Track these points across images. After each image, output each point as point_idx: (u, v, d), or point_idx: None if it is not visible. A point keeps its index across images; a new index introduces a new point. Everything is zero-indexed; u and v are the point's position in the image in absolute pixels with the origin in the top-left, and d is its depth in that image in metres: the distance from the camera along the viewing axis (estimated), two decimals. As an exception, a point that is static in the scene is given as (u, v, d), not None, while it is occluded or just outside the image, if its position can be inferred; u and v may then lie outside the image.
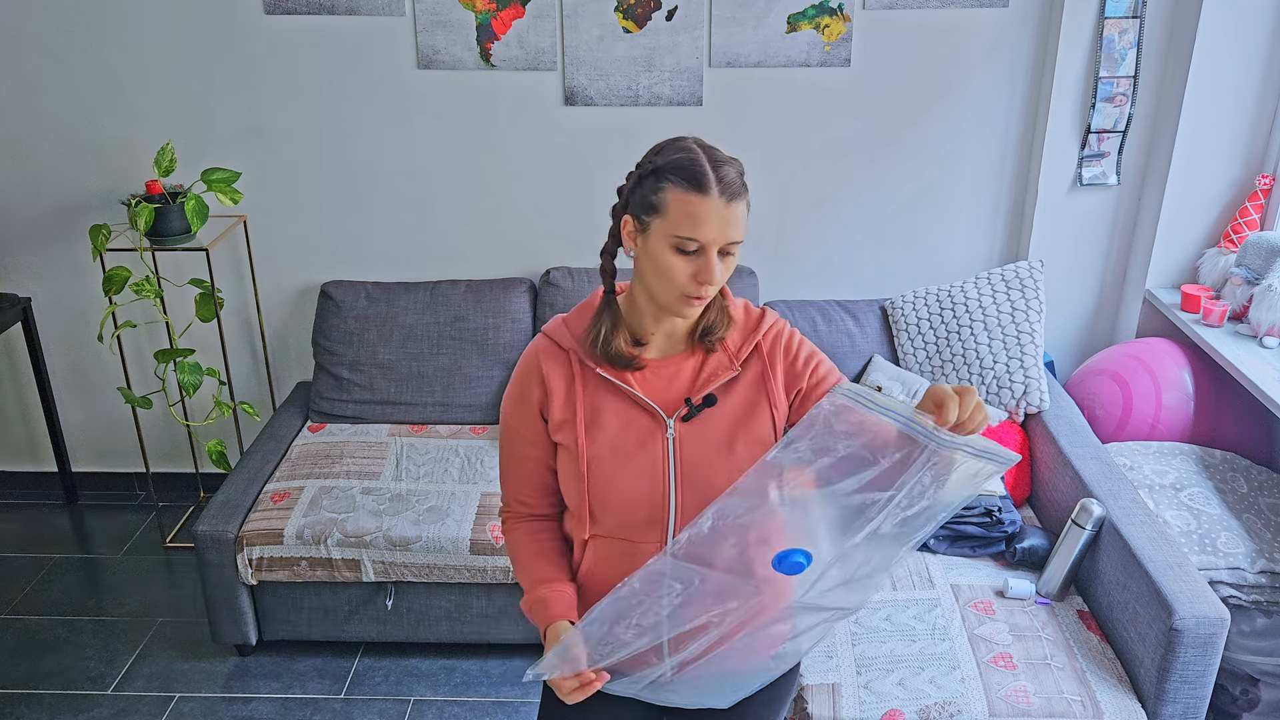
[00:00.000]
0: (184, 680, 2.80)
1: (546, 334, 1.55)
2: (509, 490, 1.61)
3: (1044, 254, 3.16)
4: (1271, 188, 2.91)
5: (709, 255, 1.36)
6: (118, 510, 3.59)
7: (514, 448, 1.57)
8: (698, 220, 1.35)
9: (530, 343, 1.57)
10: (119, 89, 3.12)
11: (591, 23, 3.02)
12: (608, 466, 1.47)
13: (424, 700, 2.72)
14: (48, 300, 3.39)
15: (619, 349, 1.47)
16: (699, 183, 1.35)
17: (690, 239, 1.36)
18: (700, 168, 1.35)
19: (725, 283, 1.49)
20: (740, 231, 1.37)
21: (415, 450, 3.03)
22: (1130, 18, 2.92)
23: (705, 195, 1.34)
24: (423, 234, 3.29)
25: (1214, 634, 2.08)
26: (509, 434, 1.57)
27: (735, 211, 1.36)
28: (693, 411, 1.46)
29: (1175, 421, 2.81)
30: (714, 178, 1.35)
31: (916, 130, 3.13)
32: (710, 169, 1.35)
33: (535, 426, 1.53)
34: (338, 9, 3.02)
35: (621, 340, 1.48)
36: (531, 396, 1.52)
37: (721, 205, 1.34)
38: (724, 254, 1.39)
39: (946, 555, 2.57)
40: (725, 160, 1.38)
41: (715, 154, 1.39)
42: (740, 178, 1.38)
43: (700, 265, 1.37)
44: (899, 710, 2.10)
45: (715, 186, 1.34)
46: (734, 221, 1.36)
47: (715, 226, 1.35)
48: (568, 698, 1.39)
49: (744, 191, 1.38)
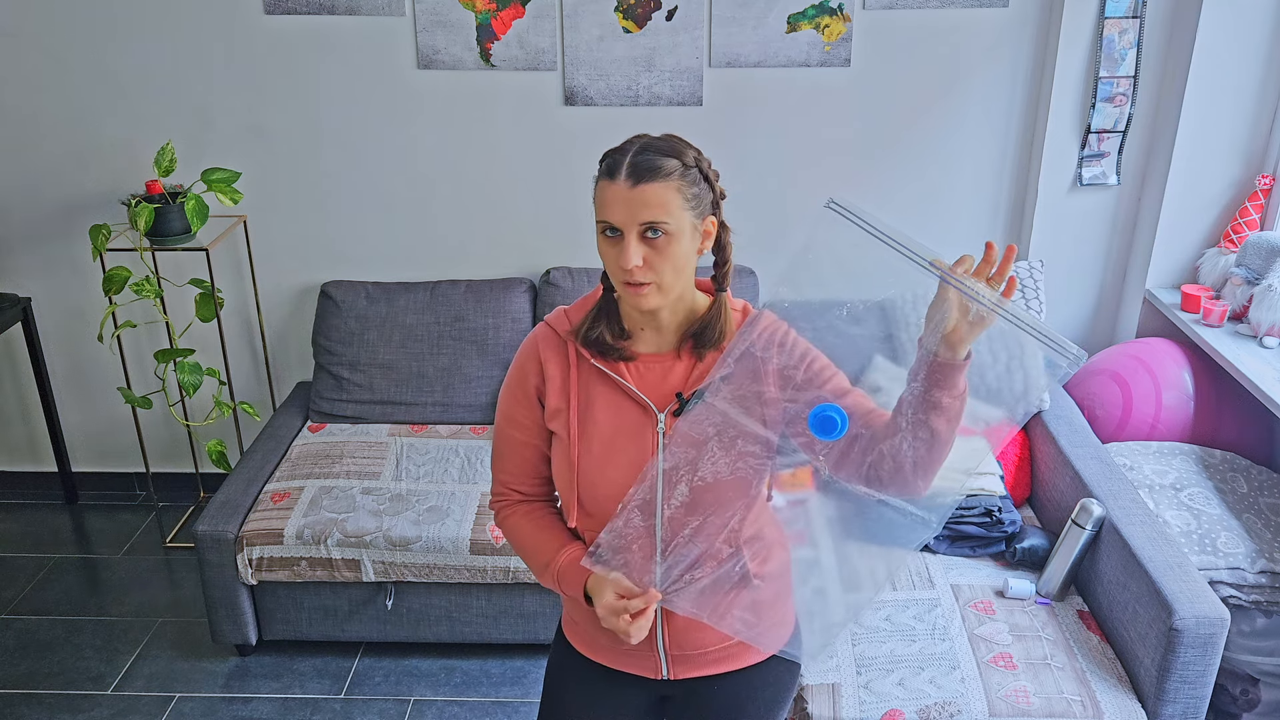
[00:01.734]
0: (184, 680, 2.80)
1: (547, 323, 1.55)
2: (502, 477, 1.60)
3: (1044, 254, 3.16)
4: (1271, 188, 2.91)
5: (626, 238, 1.38)
6: (118, 510, 3.59)
7: (510, 433, 1.57)
8: (606, 204, 1.39)
9: (531, 331, 1.57)
10: (119, 89, 3.13)
11: (591, 23, 3.02)
12: (598, 458, 1.48)
13: (424, 700, 2.73)
14: (48, 300, 3.39)
15: (602, 337, 1.49)
16: (611, 170, 1.39)
17: (603, 221, 1.40)
18: (619, 156, 1.39)
19: (718, 284, 1.50)
20: (655, 214, 1.37)
21: (415, 450, 3.03)
22: (1130, 18, 2.92)
23: (613, 180, 1.38)
24: (423, 234, 3.29)
25: (1214, 634, 2.08)
26: (505, 420, 1.57)
27: (644, 194, 1.36)
28: (684, 406, 1.47)
29: (1175, 421, 2.81)
30: (626, 163, 1.37)
31: (916, 130, 3.13)
32: (629, 156, 1.38)
33: (532, 412, 1.54)
34: (338, 9, 3.02)
35: (605, 331, 1.49)
36: (529, 382, 1.53)
37: (626, 187, 1.36)
38: (648, 240, 1.38)
39: (946, 555, 2.57)
40: (658, 149, 1.39)
41: (652, 144, 1.40)
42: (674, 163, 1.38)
43: (620, 249, 1.39)
44: (899, 710, 2.10)
45: (624, 170, 1.37)
46: (643, 204, 1.36)
47: (621, 208, 1.37)
48: (634, 633, 1.41)
49: (662, 175, 1.37)
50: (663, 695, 1.64)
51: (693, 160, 1.41)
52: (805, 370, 1.50)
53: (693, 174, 1.40)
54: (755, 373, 1.42)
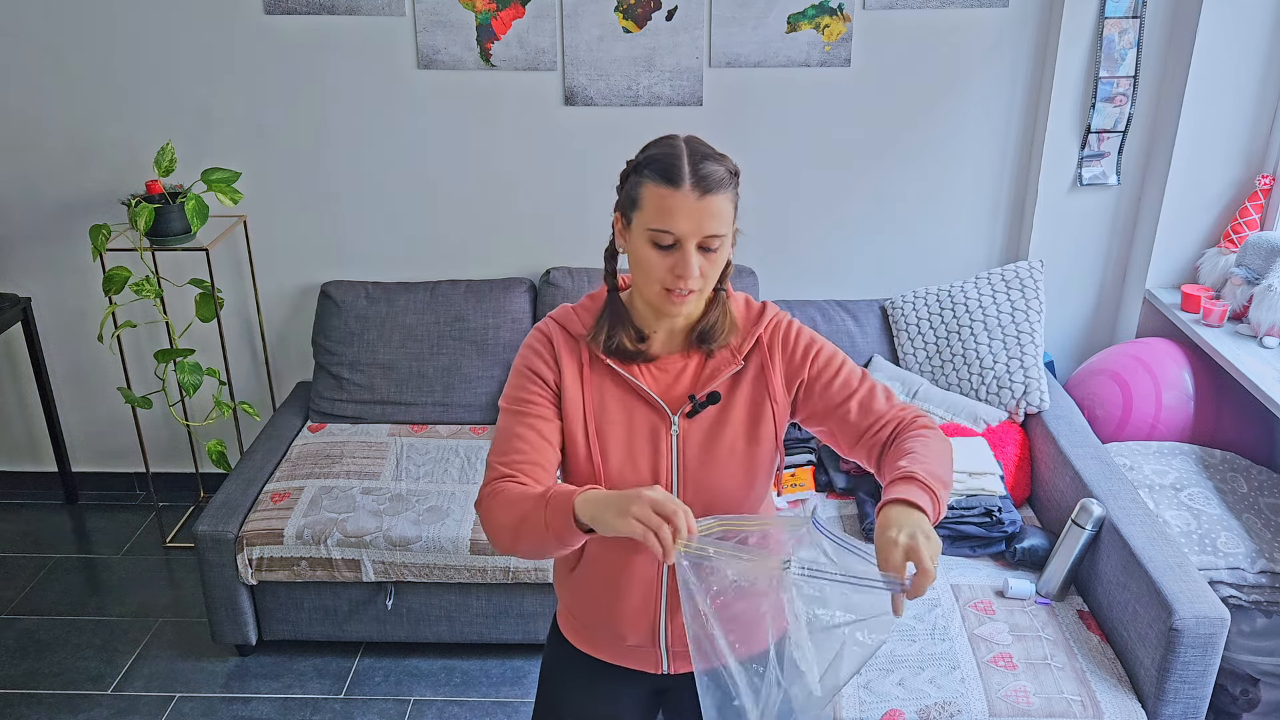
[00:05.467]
0: (184, 680, 2.80)
1: (558, 320, 1.51)
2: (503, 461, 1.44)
3: (1044, 254, 3.16)
4: (1271, 188, 2.91)
5: (685, 249, 1.35)
6: (118, 510, 3.59)
7: (517, 419, 1.46)
8: (670, 213, 1.34)
9: (539, 323, 1.52)
10: (119, 89, 3.13)
11: (591, 23, 3.02)
12: (613, 461, 1.46)
13: (424, 700, 2.72)
14: (48, 300, 3.39)
15: (622, 344, 1.46)
16: (671, 176, 1.34)
17: (663, 231, 1.35)
18: (675, 162, 1.35)
19: (717, 283, 1.49)
20: (718, 225, 1.36)
21: (415, 450, 3.03)
22: (1130, 18, 2.92)
23: (677, 188, 1.33)
24: (423, 234, 3.29)
25: (1214, 634, 2.08)
26: (513, 405, 1.47)
27: (711, 205, 1.34)
28: (697, 408, 1.46)
29: (1175, 421, 2.81)
30: (688, 171, 1.34)
31: (917, 130, 3.13)
32: (687, 163, 1.34)
33: (545, 397, 1.47)
34: (338, 9, 3.02)
35: (625, 337, 1.47)
36: (545, 370, 1.48)
37: (694, 198, 1.33)
38: (704, 249, 1.37)
39: (946, 555, 2.56)
40: (709, 156, 1.37)
41: (700, 149, 1.38)
42: (726, 173, 1.37)
43: (677, 259, 1.36)
44: (899, 710, 2.10)
45: (689, 180, 1.33)
46: (710, 215, 1.34)
47: (687, 219, 1.34)
48: (667, 549, 1.22)
49: (724, 187, 1.36)
50: (659, 689, 1.64)
51: (734, 169, 1.40)
52: (812, 365, 1.50)
53: (737, 181, 1.40)
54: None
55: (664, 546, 1.21)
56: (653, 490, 1.25)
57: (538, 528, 1.34)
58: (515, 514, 1.37)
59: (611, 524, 1.26)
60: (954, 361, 2.99)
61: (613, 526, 1.26)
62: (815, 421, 1.51)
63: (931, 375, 3.03)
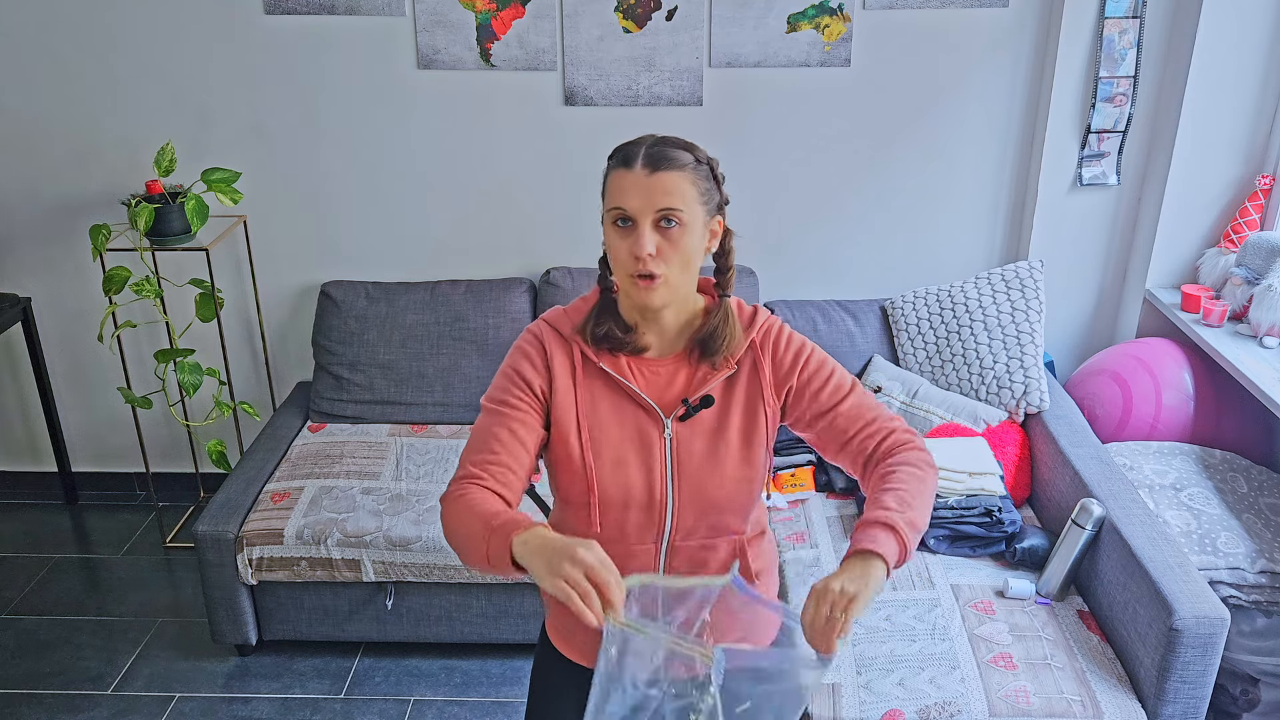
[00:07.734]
0: (184, 680, 2.80)
1: (548, 322, 1.52)
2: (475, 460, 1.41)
3: (1044, 254, 3.16)
4: (1271, 188, 2.91)
5: (640, 226, 1.38)
6: (118, 510, 3.59)
7: (496, 419, 1.45)
8: (623, 191, 1.38)
9: (530, 325, 1.53)
10: (119, 89, 3.13)
11: (591, 23, 3.02)
12: (605, 466, 1.46)
13: (424, 700, 2.73)
14: (48, 300, 3.39)
15: (611, 332, 1.47)
16: (625, 159, 1.39)
17: (617, 208, 1.39)
18: (633, 148, 1.40)
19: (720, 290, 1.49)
20: (671, 200, 1.37)
21: (415, 450, 3.03)
22: (1130, 18, 2.92)
23: (629, 169, 1.38)
24: (423, 234, 3.29)
25: (1214, 634, 2.08)
26: (494, 405, 1.46)
27: (662, 181, 1.37)
28: (690, 411, 1.46)
29: (1175, 421, 2.81)
30: (642, 153, 1.38)
31: (916, 130, 3.13)
32: (643, 148, 1.39)
33: (528, 401, 1.46)
34: (338, 9, 3.02)
35: (612, 324, 1.48)
36: (533, 373, 1.47)
37: (644, 175, 1.37)
38: (661, 228, 1.38)
39: (946, 555, 2.57)
40: (671, 143, 1.41)
41: (664, 139, 1.42)
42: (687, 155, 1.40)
43: (634, 238, 1.38)
44: (899, 710, 2.10)
45: (640, 160, 1.38)
46: (661, 190, 1.37)
47: (637, 195, 1.37)
48: (586, 608, 1.16)
49: (678, 165, 1.38)
50: None
51: (704, 158, 1.43)
52: (801, 371, 1.50)
53: (704, 169, 1.42)
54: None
55: (593, 614, 1.15)
56: (589, 550, 1.18)
57: (479, 553, 1.30)
58: (463, 529, 1.34)
59: (540, 577, 1.20)
60: (954, 361, 2.99)
61: (541, 581, 1.20)
62: (803, 427, 1.52)
63: (931, 375, 3.03)
